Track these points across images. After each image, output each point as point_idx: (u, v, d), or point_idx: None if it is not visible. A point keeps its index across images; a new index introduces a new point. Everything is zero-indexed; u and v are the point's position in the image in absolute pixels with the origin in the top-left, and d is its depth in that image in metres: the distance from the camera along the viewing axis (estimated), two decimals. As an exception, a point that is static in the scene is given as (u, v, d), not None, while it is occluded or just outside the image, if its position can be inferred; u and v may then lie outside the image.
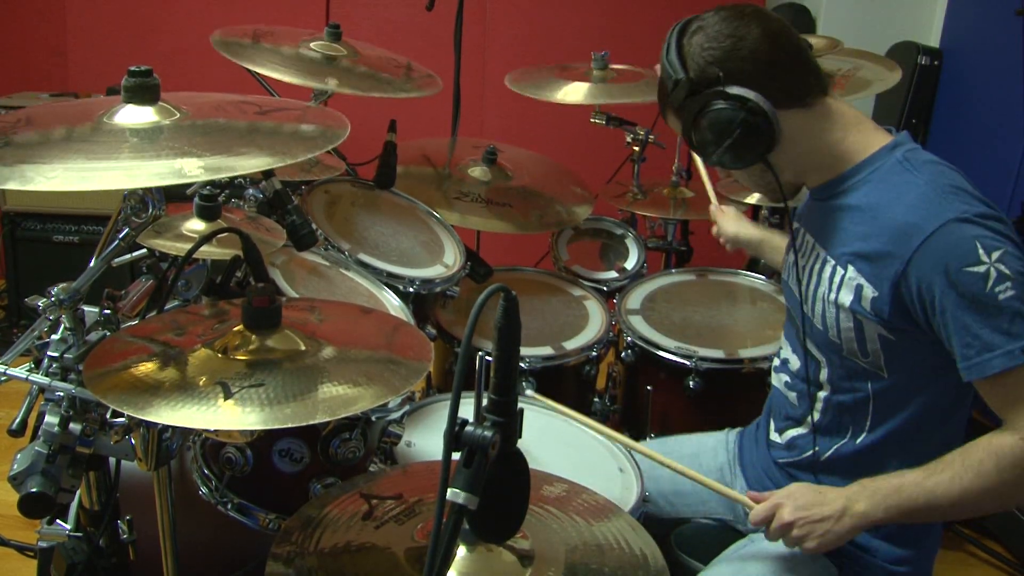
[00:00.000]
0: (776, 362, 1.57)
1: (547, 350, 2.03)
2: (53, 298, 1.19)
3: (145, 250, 1.52)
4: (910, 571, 1.42)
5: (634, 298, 2.25)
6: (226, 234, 1.42)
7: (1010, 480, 1.21)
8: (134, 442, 1.18)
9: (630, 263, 2.44)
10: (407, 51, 2.23)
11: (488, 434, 0.88)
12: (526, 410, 0.95)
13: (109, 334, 1.26)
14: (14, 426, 1.16)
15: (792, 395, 1.49)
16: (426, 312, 2.06)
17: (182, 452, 1.45)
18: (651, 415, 2.07)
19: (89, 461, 1.23)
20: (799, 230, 1.49)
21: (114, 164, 1.04)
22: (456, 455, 0.88)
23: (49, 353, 1.19)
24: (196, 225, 1.54)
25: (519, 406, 0.93)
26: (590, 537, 1.17)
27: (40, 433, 1.15)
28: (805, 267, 1.43)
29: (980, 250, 1.20)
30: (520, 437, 0.94)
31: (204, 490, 1.40)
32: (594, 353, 2.09)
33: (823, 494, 1.30)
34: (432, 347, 1.32)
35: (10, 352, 1.22)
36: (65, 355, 1.18)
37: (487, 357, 0.91)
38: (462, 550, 1.05)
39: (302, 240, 1.55)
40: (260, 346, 1.17)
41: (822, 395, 1.43)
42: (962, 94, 3.15)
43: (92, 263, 1.27)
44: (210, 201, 1.54)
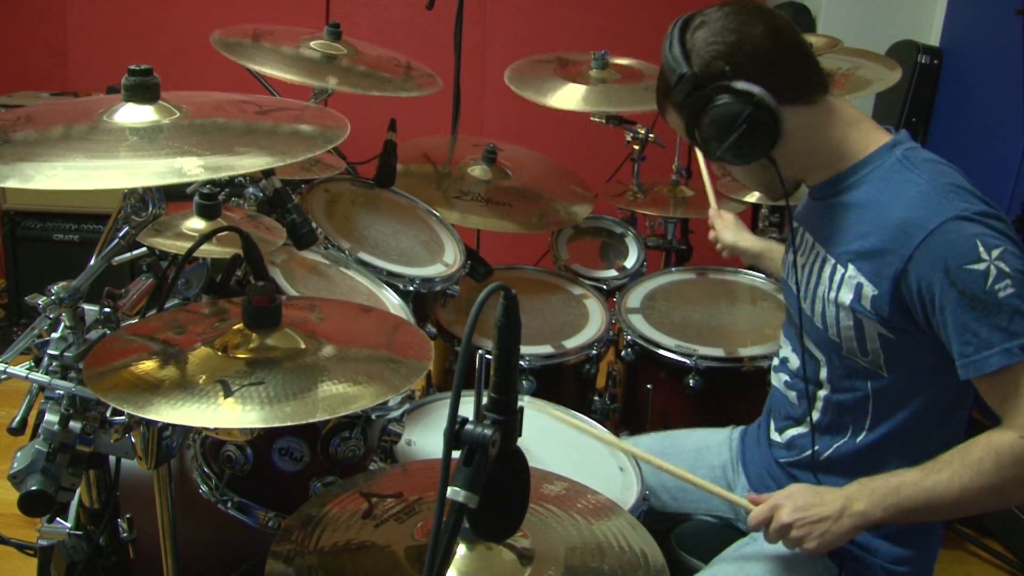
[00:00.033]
0: (776, 361, 1.57)
1: (547, 349, 2.03)
2: (53, 296, 1.19)
3: (145, 249, 1.53)
4: (911, 571, 1.42)
5: (634, 297, 2.25)
6: (226, 233, 1.42)
7: (1009, 477, 1.21)
8: (134, 440, 1.18)
9: (630, 262, 2.44)
10: (407, 51, 2.22)
11: (488, 432, 0.87)
12: (526, 409, 0.95)
13: (109, 332, 1.26)
14: (14, 424, 1.16)
15: (792, 394, 1.49)
16: (426, 311, 2.06)
17: (182, 450, 1.45)
18: (651, 414, 2.07)
19: (89, 459, 1.23)
20: (799, 229, 1.49)
21: (114, 163, 1.04)
22: (456, 453, 0.88)
23: (49, 351, 1.19)
24: (196, 224, 1.54)
25: (519, 405, 0.93)
26: (590, 536, 1.17)
27: (40, 431, 1.15)
28: (805, 266, 1.43)
29: (980, 248, 1.20)
30: (520, 436, 0.94)
31: (204, 488, 1.40)
32: (594, 352, 2.09)
33: (821, 495, 1.30)
34: (432, 346, 1.32)
35: (10, 350, 1.22)
36: (65, 353, 1.18)
37: (487, 356, 0.91)
38: (462, 548, 1.05)
39: (302, 239, 1.55)
40: (260, 344, 1.17)
41: (822, 394, 1.43)
42: (962, 93, 3.15)
43: (92, 262, 1.27)
44: (210, 200, 1.54)
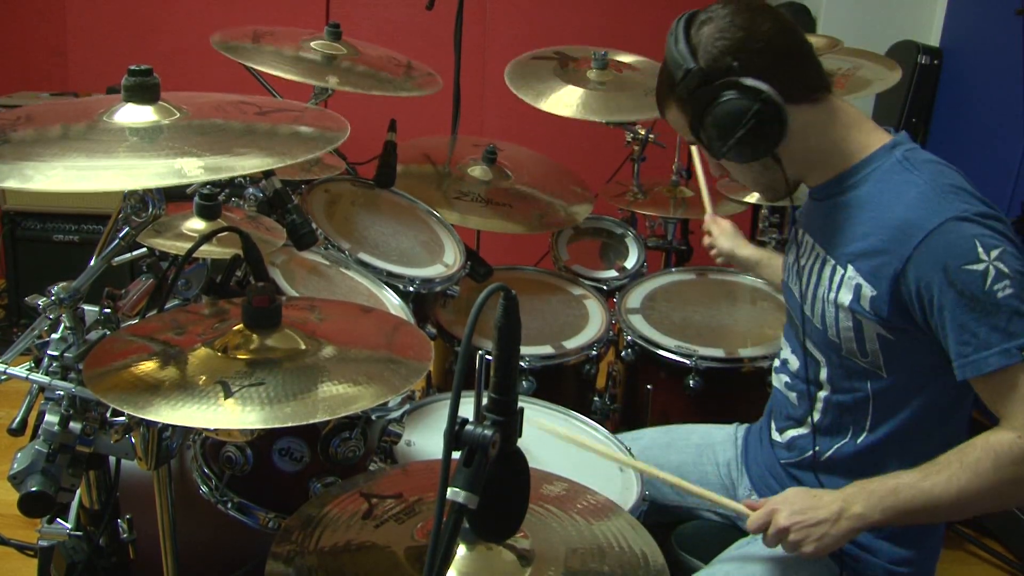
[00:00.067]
0: (776, 362, 1.57)
1: (547, 349, 2.03)
2: (53, 297, 1.19)
3: (145, 249, 1.53)
4: (912, 571, 1.42)
5: (634, 297, 2.25)
6: (226, 233, 1.42)
7: (1008, 478, 1.21)
8: (134, 441, 1.18)
9: (630, 262, 2.44)
10: (407, 51, 2.23)
11: (488, 433, 0.87)
12: (526, 409, 0.95)
13: (109, 333, 1.26)
14: (14, 425, 1.16)
15: (792, 395, 1.49)
16: (426, 311, 2.06)
17: (182, 451, 1.45)
18: (651, 414, 2.07)
19: (89, 460, 1.23)
20: (798, 229, 1.49)
21: (114, 163, 1.04)
22: (456, 454, 0.88)
23: (49, 352, 1.19)
24: (196, 224, 1.54)
25: (519, 405, 0.93)
26: (590, 536, 1.17)
27: (40, 432, 1.15)
28: (805, 267, 1.43)
29: (979, 248, 1.20)
30: (520, 436, 0.94)
31: (204, 489, 1.40)
32: (594, 352, 2.09)
33: (819, 497, 1.30)
34: (432, 346, 1.32)
35: (10, 351, 1.22)
36: (65, 354, 1.18)
37: (487, 356, 0.91)
38: (462, 549, 1.05)
39: (302, 239, 1.55)
40: (260, 345, 1.17)
41: (822, 395, 1.43)
42: (962, 94, 3.15)
43: (92, 262, 1.27)
44: (210, 200, 1.54)
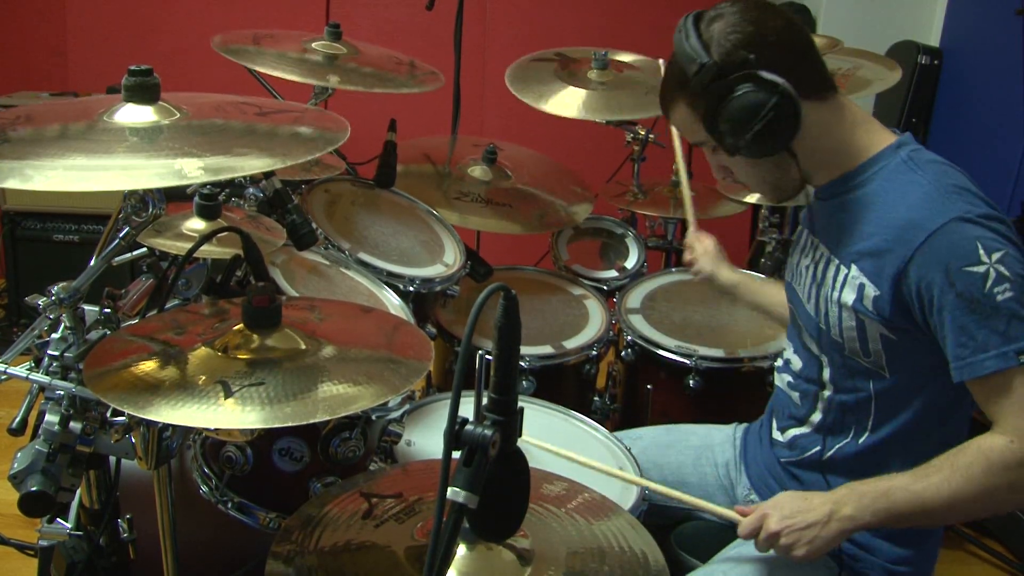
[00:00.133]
0: (779, 362, 1.57)
1: (547, 349, 2.03)
2: (53, 297, 1.19)
3: (145, 249, 1.53)
4: (911, 571, 1.42)
5: (634, 297, 2.25)
6: (226, 233, 1.42)
7: (1000, 483, 1.21)
8: (134, 441, 1.18)
9: (630, 262, 2.44)
10: (407, 51, 2.23)
11: (488, 433, 0.87)
12: (526, 409, 0.95)
13: (109, 333, 1.26)
14: (14, 425, 1.16)
15: (795, 395, 1.49)
16: (426, 311, 2.06)
17: (182, 451, 1.45)
18: (651, 414, 2.07)
19: (89, 460, 1.23)
20: (803, 230, 1.49)
21: (113, 164, 1.04)
22: (456, 454, 0.88)
23: (49, 352, 1.19)
24: (196, 224, 1.54)
25: (519, 405, 0.93)
26: (590, 536, 1.17)
27: (40, 432, 1.15)
28: (809, 266, 1.43)
29: (981, 250, 1.19)
30: (520, 436, 0.94)
31: (204, 489, 1.40)
32: (594, 352, 2.09)
33: (809, 500, 1.29)
34: (432, 346, 1.32)
35: (10, 351, 1.22)
36: (65, 354, 1.18)
37: (487, 356, 0.91)
38: (462, 549, 1.05)
39: (302, 239, 1.55)
40: (260, 345, 1.17)
41: (824, 395, 1.43)
42: (962, 94, 3.15)
43: (92, 262, 1.27)
44: (210, 200, 1.54)
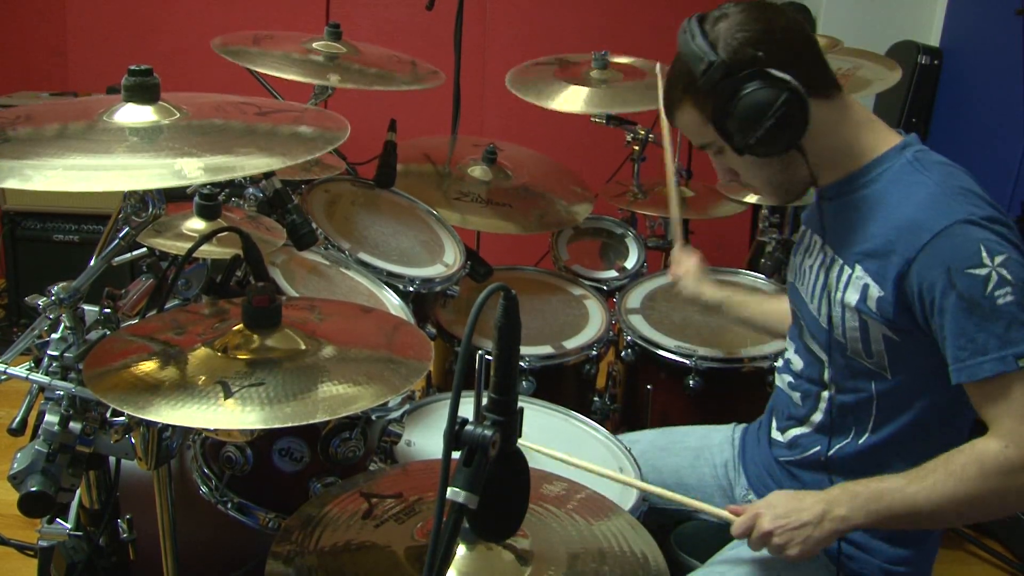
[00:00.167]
0: (779, 362, 1.57)
1: (547, 349, 2.03)
2: (53, 297, 1.19)
3: (145, 249, 1.53)
4: (909, 571, 1.41)
5: (634, 297, 2.25)
6: (226, 233, 1.42)
7: (993, 488, 1.20)
8: (134, 441, 1.18)
9: (630, 262, 2.44)
10: (407, 51, 2.23)
11: (488, 433, 0.87)
12: (526, 409, 0.95)
13: (109, 333, 1.26)
14: (14, 425, 1.16)
15: (795, 395, 1.49)
16: (426, 311, 2.06)
17: (182, 451, 1.45)
18: (651, 414, 2.07)
19: (89, 460, 1.23)
20: (805, 231, 1.49)
21: (114, 164, 1.04)
22: (456, 454, 0.88)
23: (49, 352, 1.19)
24: (196, 224, 1.54)
25: (519, 405, 0.93)
26: (590, 536, 1.17)
27: (40, 432, 1.15)
28: (813, 267, 1.43)
29: (983, 253, 1.19)
30: (520, 436, 0.94)
31: (204, 489, 1.40)
32: (594, 352, 2.09)
33: (802, 500, 1.29)
34: (432, 346, 1.32)
35: (10, 351, 1.22)
36: (65, 354, 1.18)
37: (487, 356, 0.91)
38: (462, 549, 1.05)
39: (302, 239, 1.55)
40: (260, 345, 1.17)
41: (825, 395, 1.43)
42: (962, 94, 3.15)
43: (92, 262, 1.27)
44: (210, 200, 1.54)
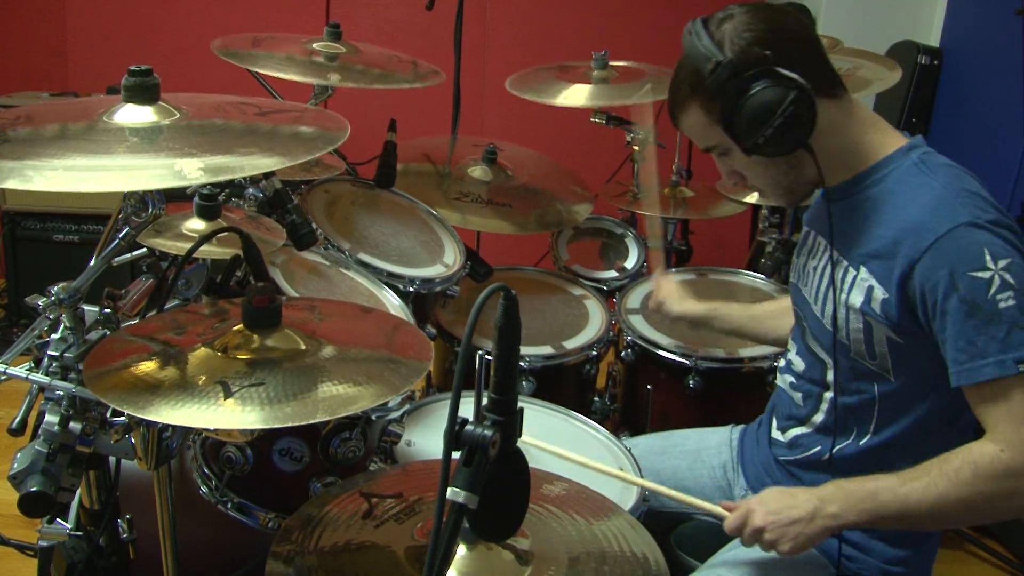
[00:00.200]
0: (781, 363, 1.57)
1: (547, 349, 2.03)
2: (53, 297, 1.19)
3: (145, 249, 1.53)
4: (908, 572, 1.41)
5: (634, 297, 2.25)
6: (226, 233, 1.42)
7: (986, 491, 1.20)
8: (134, 441, 1.18)
9: (630, 262, 2.44)
10: (407, 51, 2.23)
11: (488, 433, 0.87)
12: (526, 409, 0.95)
13: (109, 333, 1.26)
14: (14, 425, 1.16)
15: (797, 395, 1.49)
16: (426, 311, 2.06)
17: (182, 451, 1.45)
18: (651, 414, 2.07)
19: (89, 460, 1.23)
20: (809, 232, 1.49)
21: (114, 164, 1.04)
22: (456, 454, 0.88)
23: (49, 352, 1.19)
24: (196, 224, 1.54)
25: (519, 405, 0.93)
26: (590, 536, 1.17)
27: (40, 432, 1.15)
28: (816, 268, 1.43)
29: (987, 256, 1.19)
30: (520, 436, 0.94)
31: (204, 489, 1.40)
32: (594, 352, 2.09)
33: (794, 497, 1.29)
34: (432, 346, 1.32)
35: (10, 351, 1.22)
36: (65, 354, 1.18)
37: (487, 356, 0.91)
38: (462, 549, 1.05)
39: (302, 239, 1.55)
40: (260, 345, 1.17)
41: (827, 396, 1.42)
42: (962, 94, 3.15)
43: (92, 262, 1.27)
44: (210, 200, 1.54)
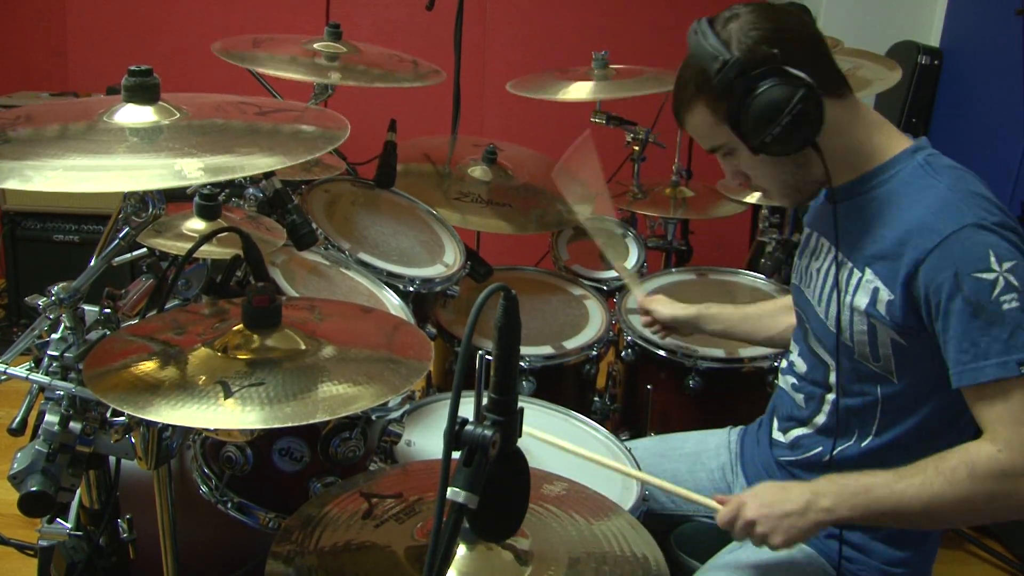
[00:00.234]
0: (783, 364, 1.57)
1: (547, 349, 2.03)
2: (53, 297, 1.19)
3: (145, 249, 1.53)
4: (908, 573, 1.41)
5: (634, 297, 2.25)
6: (226, 233, 1.42)
7: (982, 491, 1.19)
8: (134, 441, 1.18)
9: (630, 262, 2.44)
10: (407, 51, 2.23)
11: (488, 433, 0.87)
12: (526, 409, 0.95)
13: (109, 333, 1.26)
14: (14, 425, 1.16)
15: (799, 397, 1.48)
16: (426, 311, 2.06)
17: (182, 451, 1.45)
18: (651, 414, 2.07)
19: (89, 460, 1.23)
20: (811, 234, 1.49)
21: (114, 164, 1.04)
22: (456, 454, 0.88)
23: (49, 352, 1.19)
24: (196, 224, 1.54)
25: (519, 405, 0.93)
26: (590, 536, 1.17)
27: (40, 432, 1.15)
28: (820, 270, 1.43)
29: (992, 258, 1.19)
30: (520, 436, 0.94)
31: (204, 489, 1.40)
32: (594, 352, 2.09)
33: (787, 490, 1.29)
34: (432, 346, 1.32)
35: (10, 351, 1.22)
36: (65, 354, 1.18)
37: (487, 356, 0.91)
38: (462, 549, 1.05)
39: (302, 239, 1.55)
40: (260, 345, 1.17)
41: (830, 397, 1.42)
42: (962, 94, 3.15)
43: (92, 262, 1.27)
44: (210, 200, 1.54)
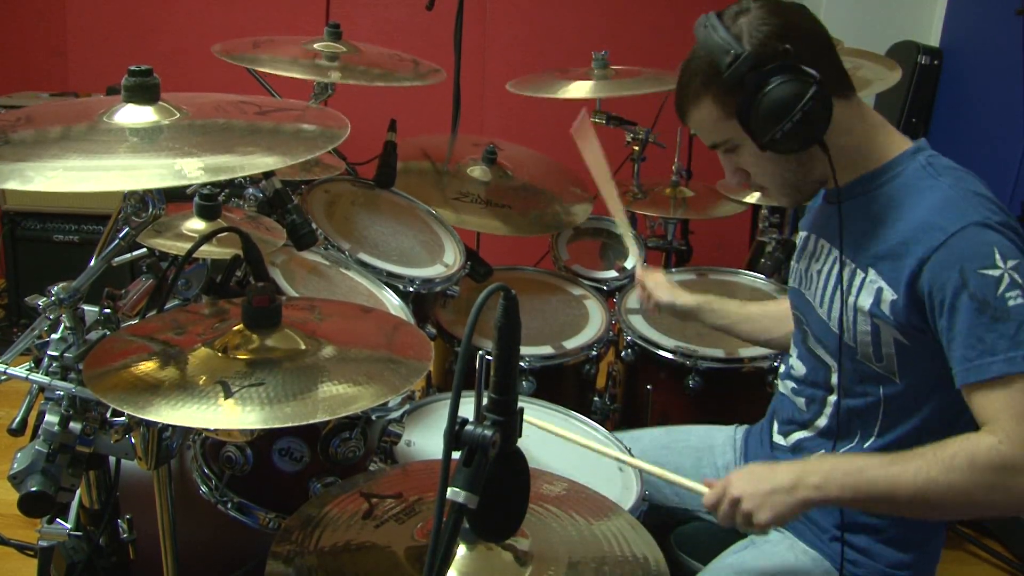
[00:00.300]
0: (781, 368, 1.56)
1: (547, 349, 2.03)
2: (53, 297, 1.19)
3: (145, 249, 1.53)
4: (911, 575, 1.41)
5: (634, 297, 2.24)
6: (226, 233, 1.42)
7: (981, 482, 1.18)
8: (134, 441, 1.18)
9: (630, 262, 2.44)
10: (407, 51, 2.23)
11: (488, 433, 0.87)
12: (526, 409, 0.95)
13: (109, 333, 1.26)
14: (14, 425, 1.16)
15: (800, 400, 1.48)
16: (426, 311, 2.06)
17: (182, 451, 1.45)
18: (651, 414, 2.08)
19: (89, 460, 1.23)
20: (810, 235, 1.49)
21: (114, 164, 1.04)
22: (456, 454, 0.88)
23: (49, 352, 1.19)
24: (196, 224, 1.54)
25: (519, 405, 0.93)
26: (590, 536, 1.17)
27: (40, 432, 1.15)
28: (821, 271, 1.42)
29: (997, 256, 1.19)
30: (520, 436, 0.94)
31: (204, 489, 1.40)
32: (594, 352, 2.09)
33: (774, 469, 1.28)
34: (432, 346, 1.32)
35: (10, 351, 1.22)
36: (65, 354, 1.18)
37: (487, 356, 0.91)
38: (462, 549, 1.05)
39: (302, 239, 1.55)
40: (260, 345, 1.17)
41: (831, 399, 1.42)
42: (962, 94, 3.15)
43: (92, 262, 1.27)
44: (210, 200, 1.54)
